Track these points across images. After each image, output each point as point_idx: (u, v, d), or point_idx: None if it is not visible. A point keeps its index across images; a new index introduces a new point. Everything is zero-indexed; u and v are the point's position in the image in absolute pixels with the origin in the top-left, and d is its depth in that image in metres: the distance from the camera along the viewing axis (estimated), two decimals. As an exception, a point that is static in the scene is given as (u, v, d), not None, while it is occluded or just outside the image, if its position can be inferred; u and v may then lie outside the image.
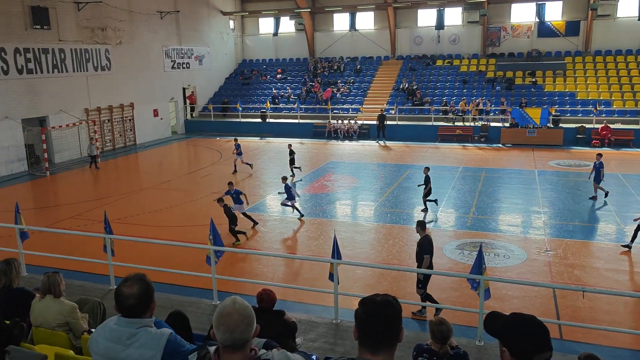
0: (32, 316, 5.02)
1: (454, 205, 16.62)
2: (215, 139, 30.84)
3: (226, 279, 9.96)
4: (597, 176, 16.41)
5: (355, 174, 21.42)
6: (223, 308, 2.28)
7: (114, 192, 19.42)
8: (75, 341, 4.88)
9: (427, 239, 9.55)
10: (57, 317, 4.95)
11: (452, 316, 8.60)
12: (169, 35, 31.91)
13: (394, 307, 2.24)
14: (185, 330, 4.18)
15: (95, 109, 26.48)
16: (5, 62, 21.67)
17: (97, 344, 2.75)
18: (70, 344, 4.81)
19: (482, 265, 7.55)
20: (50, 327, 4.90)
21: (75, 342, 4.88)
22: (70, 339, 4.88)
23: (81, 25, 25.49)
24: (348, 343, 7.58)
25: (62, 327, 4.95)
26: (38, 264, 11.00)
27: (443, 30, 34.37)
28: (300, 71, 37.95)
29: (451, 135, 28.80)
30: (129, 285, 2.72)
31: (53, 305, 4.99)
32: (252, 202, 17.34)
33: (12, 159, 22.32)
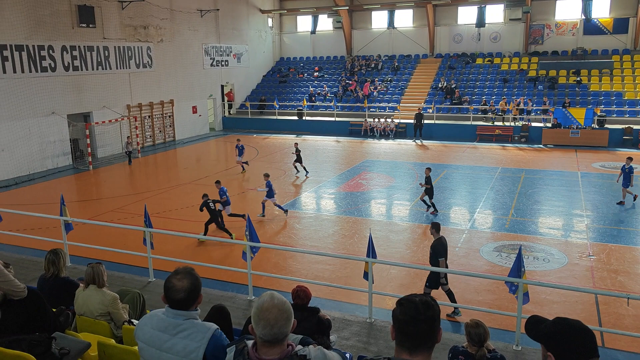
0: (76, 305, 5.18)
1: (492, 207, 16.30)
2: (252, 136, 31.16)
3: (261, 274, 10.05)
4: (626, 180, 15.90)
5: (391, 173, 21.27)
6: (262, 303, 2.30)
7: (154, 186, 19.88)
8: (116, 331, 5.02)
9: (440, 241, 9.40)
10: (100, 306, 5.11)
11: (488, 319, 8.42)
12: (208, 33, 32.40)
13: (433, 308, 2.22)
14: (226, 324, 4.24)
15: (136, 105, 27.15)
16: (53, 59, 22.45)
17: (144, 332, 2.83)
18: (112, 333, 4.95)
19: (521, 268, 7.38)
20: (92, 317, 5.06)
21: (116, 331, 5.01)
22: (112, 328, 5.02)
23: (124, 23, 26.17)
24: (382, 343, 7.54)
25: (104, 316, 5.10)
26: (80, 255, 11.37)
27: (484, 27, 33.74)
28: (338, 69, 37.92)
29: (490, 135, 28.25)
30: (179, 278, 2.78)
31: (96, 295, 5.15)
32: (286, 199, 17.48)
33: (58, 153, 23.12)
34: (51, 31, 22.25)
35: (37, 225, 14.20)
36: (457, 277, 10.72)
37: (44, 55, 22.07)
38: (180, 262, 9.71)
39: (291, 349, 2.35)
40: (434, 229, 9.56)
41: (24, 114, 21.23)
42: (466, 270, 11.11)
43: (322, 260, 12.00)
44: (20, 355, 3.37)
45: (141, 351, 2.85)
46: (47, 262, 5.51)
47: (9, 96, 20.60)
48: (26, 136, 21.48)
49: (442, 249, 9.28)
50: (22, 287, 3.89)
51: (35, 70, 21.71)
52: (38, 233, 12.85)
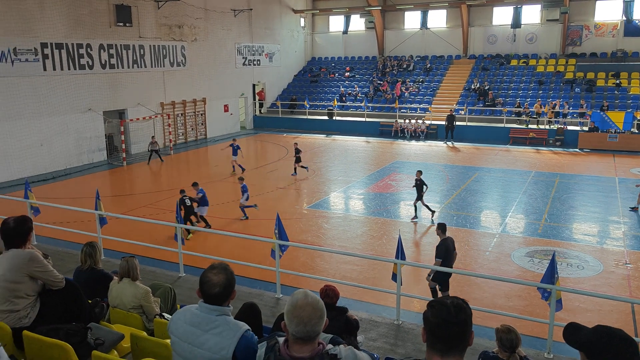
0: (110, 297, 5.31)
1: (524, 211, 15.98)
2: (282, 135, 31.33)
3: (289, 273, 10.09)
4: None
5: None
6: (296, 301, 2.32)
7: (185, 183, 20.15)
8: (148, 324, 5.11)
9: (444, 242, 9.32)
10: (132, 299, 5.21)
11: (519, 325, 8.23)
12: (241, 33, 32.72)
13: (465, 310, 2.19)
14: (257, 322, 4.27)
15: (170, 103, 27.61)
16: (90, 57, 23.04)
17: (177, 326, 2.87)
18: (143, 325, 5.04)
19: (554, 274, 7.21)
20: (125, 309, 5.17)
21: (147, 324, 5.11)
22: (144, 321, 5.12)
23: (160, 22, 26.65)
24: (409, 345, 7.48)
25: (136, 309, 5.20)
26: (113, 249, 11.63)
27: (519, 28, 33.10)
28: (369, 69, 37.79)
29: (524, 138, 27.71)
30: (215, 273, 2.82)
31: (129, 288, 5.26)
32: (315, 199, 17.51)
33: (94, 148, 23.70)
34: (89, 30, 22.83)
35: (73, 218, 14.59)
36: (487, 281, 10.55)
37: (82, 53, 22.67)
38: (209, 258, 9.84)
39: (322, 347, 2.35)
40: (440, 229, 9.54)
41: (62, 110, 21.85)
42: (497, 275, 10.91)
43: (350, 261, 11.97)
44: (58, 343, 3.47)
45: (174, 345, 2.89)
46: (84, 254, 5.65)
47: (48, 92, 21.22)
48: (64, 131, 22.09)
49: (443, 250, 9.23)
50: (61, 278, 4.00)
51: (74, 67, 22.31)
52: (73, 226, 13.20)
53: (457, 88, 33.30)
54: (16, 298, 3.82)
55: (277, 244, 8.90)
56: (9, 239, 3.92)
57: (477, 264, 11.98)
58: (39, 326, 3.77)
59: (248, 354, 2.69)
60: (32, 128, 20.71)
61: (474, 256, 12.47)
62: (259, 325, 4.29)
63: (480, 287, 10.60)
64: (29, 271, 3.84)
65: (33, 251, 3.95)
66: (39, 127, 20.99)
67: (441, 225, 9.59)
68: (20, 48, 20.08)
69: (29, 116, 20.58)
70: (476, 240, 13.49)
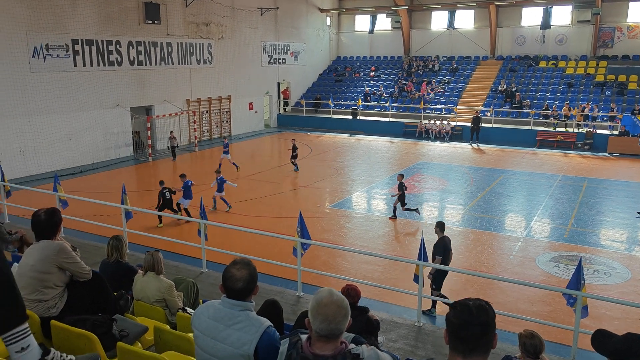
0: (135, 290, 5.39)
1: (551, 215, 15.70)
2: (306, 133, 31.39)
3: (310, 271, 10.10)
4: None
5: (445, 176, 20.89)
6: (321, 298, 2.33)
7: (209, 180, 20.35)
8: (171, 317, 5.18)
9: (442, 241, 9.40)
10: (156, 293, 5.29)
11: (543, 331, 8.10)
12: (267, 31, 32.89)
13: (488, 312, 2.17)
14: (278, 319, 4.29)
15: (195, 100, 27.91)
16: (119, 54, 23.44)
17: (200, 320, 2.91)
18: (166, 319, 5.11)
19: (580, 280, 7.08)
20: (149, 302, 5.24)
21: (170, 318, 5.17)
22: (167, 314, 5.19)
23: (187, 20, 26.96)
24: (429, 347, 7.42)
25: (159, 302, 5.27)
26: (137, 242, 11.80)
27: (549, 29, 32.51)
28: (394, 69, 37.59)
29: (551, 141, 27.23)
30: (238, 268, 2.85)
31: (153, 282, 5.33)
32: (337, 198, 17.49)
33: (121, 144, 24.11)
34: (119, 27, 23.23)
35: (99, 212, 14.87)
36: (511, 285, 10.41)
37: (112, 50, 23.07)
38: (232, 254, 9.91)
39: (344, 346, 2.35)
40: (438, 227, 9.63)
41: (90, 105, 22.27)
42: (520, 279, 10.75)
43: (371, 261, 11.94)
44: (84, 334, 3.54)
45: (196, 339, 2.93)
46: (111, 247, 5.75)
47: (78, 88, 21.67)
48: (92, 126, 22.52)
49: (441, 248, 9.33)
50: (88, 270, 4.09)
51: (103, 64, 22.73)
52: (100, 220, 13.45)
53: (483, 89, 32.89)
54: (45, 288, 3.92)
55: (299, 242, 8.93)
56: (40, 231, 4.02)
57: (500, 267, 11.83)
58: (66, 316, 3.86)
59: (270, 349, 2.71)
60: (61, 123, 21.17)
61: (497, 260, 12.31)
62: (280, 322, 4.31)
63: (503, 291, 10.46)
64: (58, 262, 3.93)
65: (62, 243, 4.04)
66: (68, 121, 21.44)
67: (440, 224, 9.70)
68: (52, 44, 20.54)
69: (58, 111, 21.04)
70: (500, 244, 13.32)
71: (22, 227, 10.28)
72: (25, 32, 19.48)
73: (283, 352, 2.49)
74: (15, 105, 19.44)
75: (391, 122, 31.79)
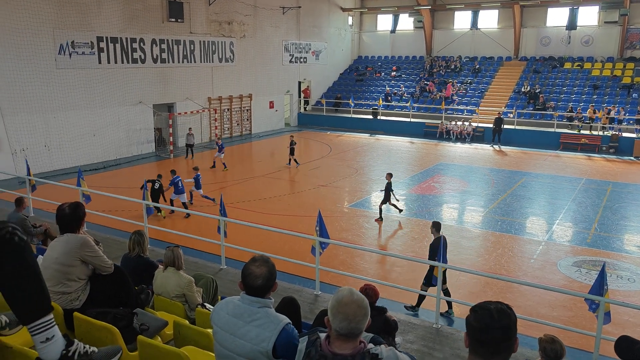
0: (155, 285, 5.45)
1: (573, 219, 15.44)
2: (326, 133, 31.39)
3: (328, 270, 10.10)
4: None
5: (466, 178, 20.69)
6: (342, 297, 2.33)
7: (229, 177, 20.52)
8: (190, 312, 5.23)
9: (438, 241, 9.19)
10: (176, 288, 5.34)
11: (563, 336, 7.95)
12: (289, 30, 32.97)
13: (510, 316, 2.15)
14: (296, 316, 4.30)
15: (217, 98, 28.12)
16: (143, 51, 23.74)
17: (220, 316, 2.93)
18: (186, 314, 5.16)
19: (603, 286, 6.95)
20: (169, 297, 5.30)
21: (189, 313, 5.22)
22: (186, 310, 5.24)
23: (210, 19, 27.18)
24: (447, 350, 7.36)
25: (179, 297, 5.32)
26: (157, 238, 11.93)
27: (575, 30, 31.93)
28: (416, 69, 37.36)
29: (575, 144, 26.78)
30: (258, 265, 2.87)
31: (173, 277, 5.39)
32: (356, 198, 17.46)
33: (143, 140, 24.42)
34: (143, 25, 23.52)
35: (121, 207, 15.07)
36: (531, 289, 10.27)
37: (135, 47, 23.38)
38: (251, 252, 9.96)
39: (363, 346, 2.35)
40: (434, 227, 9.56)
41: (114, 102, 22.61)
42: (541, 283, 10.60)
43: (389, 261, 11.89)
44: (106, 326, 3.60)
45: (215, 335, 2.95)
46: (133, 242, 5.83)
47: (102, 85, 22.01)
48: (115, 123, 22.85)
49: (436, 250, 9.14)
50: (110, 264, 4.15)
51: (127, 61, 23.03)
52: (121, 215, 13.63)
53: (506, 90, 32.50)
54: (68, 281, 3.99)
55: (318, 241, 8.93)
56: (64, 224, 4.09)
57: (521, 271, 11.68)
58: (88, 309, 3.92)
59: (288, 347, 2.72)
60: (85, 119, 21.53)
61: (518, 263, 12.16)
62: (298, 319, 4.32)
63: (523, 294, 10.33)
64: (81, 255, 4.00)
65: (86, 237, 4.11)
66: (92, 118, 21.79)
67: (436, 224, 9.63)
68: (78, 41, 20.90)
69: (83, 107, 21.40)
70: (521, 247, 13.15)
71: (46, 221, 10.49)
72: (52, 29, 19.86)
73: (302, 350, 2.50)
74: (42, 101, 19.83)
75: (412, 123, 31.60)
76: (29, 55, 19.15)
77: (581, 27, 31.93)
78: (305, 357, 2.44)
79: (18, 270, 2.53)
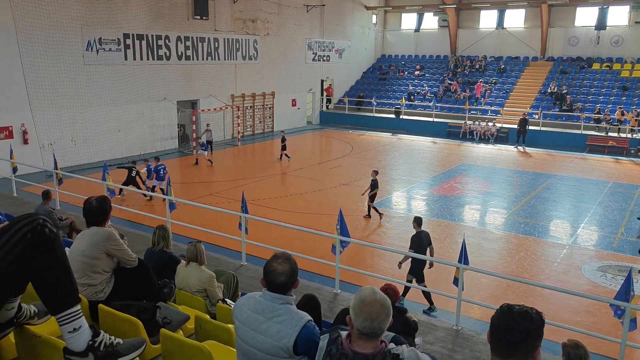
0: (177, 280, 5.53)
1: (599, 223, 15.15)
2: (347, 131, 31.34)
3: (348, 269, 10.09)
4: None
5: (489, 179, 20.45)
6: (365, 297, 2.33)
7: (250, 174, 20.65)
8: (211, 307, 5.28)
9: (419, 235, 9.81)
10: (197, 283, 5.40)
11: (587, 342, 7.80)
12: (312, 28, 32.99)
13: (533, 320, 2.12)
14: (316, 314, 4.31)
15: (240, 95, 28.30)
16: (168, 48, 24.02)
17: (241, 312, 2.95)
18: (207, 309, 5.21)
19: (630, 291, 6.80)
20: (190, 292, 5.36)
21: (210, 308, 5.28)
22: (207, 305, 5.30)
23: (235, 16, 27.35)
24: (467, 352, 7.29)
25: (200, 292, 5.38)
26: (179, 233, 12.06)
27: (604, 30, 31.26)
28: (440, 69, 37.04)
29: (602, 147, 26.25)
30: (280, 262, 2.88)
31: (195, 272, 5.45)
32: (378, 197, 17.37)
33: (166, 136, 24.72)
34: (168, 22, 23.81)
35: (144, 202, 15.30)
36: (554, 293, 10.12)
37: (161, 44, 23.67)
38: (271, 249, 10.00)
39: (384, 345, 2.35)
40: (415, 222, 10.07)
41: (139, 98, 22.93)
42: (565, 287, 10.43)
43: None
44: (130, 319, 3.66)
45: (237, 330, 2.97)
46: (157, 237, 5.91)
47: (127, 81, 22.34)
48: (140, 119, 23.17)
49: (416, 242, 9.75)
50: (134, 257, 4.22)
51: (152, 58, 23.34)
52: (144, 209, 13.83)
53: (532, 91, 32.01)
54: (94, 273, 4.07)
55: (338, 240, 8.92)
56: (91, 217, 4.18)
57: (544, 274, 11.51)
58: (113, 301, 4.00)
59: (309, 344, 2.73)
60: (111, 114, 21.88)
61: (541, 266, 11.99)
62: (318, 317, 4.33)
63: (546, 298, 10.18)
64: (106, 248, 4.08)
65: (111, 230, 4.18)
66: (117, 113, 22.14)
67: (416, 219, 10.13)
68: (105, 38, 21.25)
69: (109, 103, 21.75)
70: (544, 250, 12.96)
71: (72, 214, 10.70)
72: (80, 26, 20.23)
73: (323, 347, 2.50)
74: (69, 97, 20.22)
75: (435, 122, 31.35)
76: (58, 51, 19.54)
77: (611, 27, 31.24)
78: (326, 354, 2.44)
79: (48, 262, 2.59)
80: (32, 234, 2.53)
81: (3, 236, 2.50)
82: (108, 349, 2.91)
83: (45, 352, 3.09)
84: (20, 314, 3.08)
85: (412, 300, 9.81)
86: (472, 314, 9.48)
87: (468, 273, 9.13)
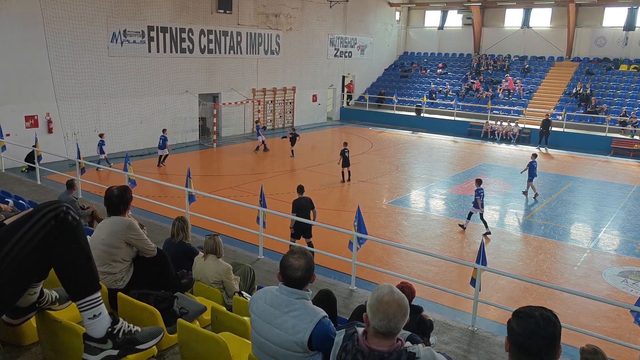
0: (194, 271, 5.58)
1: (621, 228, 14.87)
2: (367, 128, 31.24)
3: (365, 266, 10.07)
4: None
5: (510, 180, 20.20)
6: (382, 296, 2.33)
7: (269, 169, 20.73)
8: (227, 300, 5.32)
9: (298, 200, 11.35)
10: (214, 275, 5.45)
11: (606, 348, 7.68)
12: (335, 24, 32.91)
13: (554, 324, 2.10)
14: (332, 309, 4.32)
15: (261, 90, 28.39)
16: (191, 41, 24.20)
17: (258, 305, 2.98)
18: (223, 301, 5.26)
19: (651, 298, 6.67)
20: (207, 283, 5.42)
21: (227, 300, 5.32)
22: (223, 297, 5.34)
23: (258, 11, 27.42)
24: (482, 354, 7.23)
25: (217, 284, 5.43)
26: (197, 225, 12.17)
27: (633, 31, 30.59)
28: (462, 67, 36.66)
29: (627, 150, 25.73)
30: (296, 257, 2.90)
31: (212, 264, 5.50)
32: (395, 195, 17.32)
33: (187, 129, 24.94)
34: (192, 15, 23.98)
35: (164, 193, 15.46)
36: (573, 297, 9.97)
37: (184, 37, 23.85)
38: (288, 243, 10.05)
39: (400, 344, 2.34)
40: (298, 190, 11.70)
41: (161, 90, 23.16)
42: (584, 291, 10.27)
43: (427, 260, 11.77)
44: (148, 308, 3.71)
45: (253, 323, 3.00)
46: (176, 228, 5.98)
47: (151, 73, 22.58)
48: (162, 111, 23.41)
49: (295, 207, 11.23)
50: (153, 247, 4.28)
51: (176, 51, 23.54)
52: (164, 200, 13.98)
53: (556, 92, 31.50)
54: (113, 262, 4.13)
55: (356, 236, 8.91)
56: (112, 206, 4.24)
57: (563, 278, 11.35)
58: (131, 290, 4.06)
59: (324, 339, 2.73)
60: (134, 106, 22.14)
61: (560, 269, 11.83)
62: (333, 312, 4.34)
63: (564, 302, 10.05)
64: (126, 238, 4.14)
65: (131, 220, 4.24)
66: (140, 105, 22.39)
67: (298, 187, 11.72)
68: (130, 30, 21.49)
69: (132, 95, 22.01)
70: (564, 254, 12.77)
71: (94, 203, 10.87)
72: (106, 18, 20.49)
73: (338, 343, 2.50)
74: (93, 88, 20.52)
75: (456, 121, 31.06)
76: (83, 42, 19.82)
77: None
78: (342, 350, 2.44)
79: (71, 249, 2.64)
80: (55, 220, 2.58)
81: (27, 222, 2.55)
82: (126, 337, 2.95)
83: (65, 337, 3.15)
84: (42, 299, 3.14)
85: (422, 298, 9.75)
86: (488, 316, 9.40)
87: (486, 274, 9.04)
